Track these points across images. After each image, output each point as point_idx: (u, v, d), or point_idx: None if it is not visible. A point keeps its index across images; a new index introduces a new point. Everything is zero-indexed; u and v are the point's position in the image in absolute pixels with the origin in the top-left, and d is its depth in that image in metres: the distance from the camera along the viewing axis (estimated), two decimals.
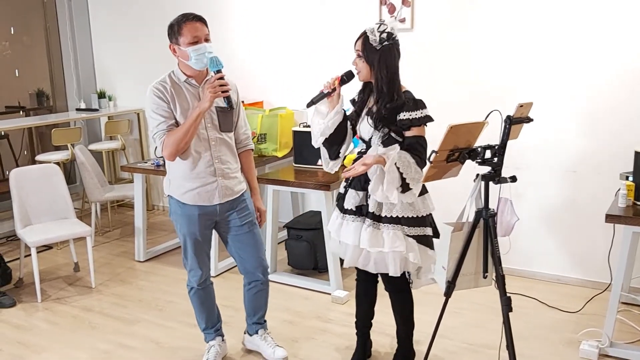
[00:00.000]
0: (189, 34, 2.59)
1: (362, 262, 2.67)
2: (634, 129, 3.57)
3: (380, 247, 2.56)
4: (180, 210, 2.83)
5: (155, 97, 2.67)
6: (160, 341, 3.39)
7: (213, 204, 2.81)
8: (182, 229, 2.86)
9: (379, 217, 2.58)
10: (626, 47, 3.57)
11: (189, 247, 2.88)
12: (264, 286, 3.06)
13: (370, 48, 2.51)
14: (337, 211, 2.76)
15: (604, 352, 3.04)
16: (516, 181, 2.45)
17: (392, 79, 2.53)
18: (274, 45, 5.02)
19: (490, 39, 3.98)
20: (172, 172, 2.83)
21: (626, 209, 2.94)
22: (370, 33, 2.51)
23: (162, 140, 2.66)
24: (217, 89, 2.58)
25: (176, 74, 2.74)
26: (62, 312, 3.82)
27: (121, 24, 5.97)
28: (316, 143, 2.73)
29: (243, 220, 2.91)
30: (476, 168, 2.47)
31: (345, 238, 2.67)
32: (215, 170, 2.78)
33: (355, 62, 2.59)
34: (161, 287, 4.17)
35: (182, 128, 2.63)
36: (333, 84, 2.58)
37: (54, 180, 4.33)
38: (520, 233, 3.86)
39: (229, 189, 2.84)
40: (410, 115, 2.52)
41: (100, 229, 5.51)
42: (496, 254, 2.49)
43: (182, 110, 2.69)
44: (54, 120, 5.68)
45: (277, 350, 3.09)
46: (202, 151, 2.74)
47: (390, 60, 2.53)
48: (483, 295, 3.32)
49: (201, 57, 2.62)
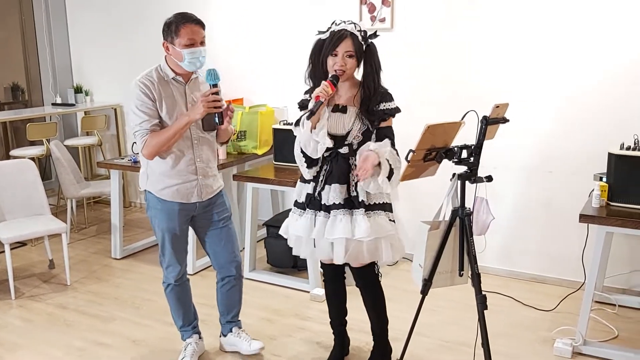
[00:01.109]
0: (186, 36, 2.58)
1: (354, 256, 2.63)
2: (609, 131, 3.63)
3: (379, 234, 2.58)
4: (160, 206, 2.80)
5: (141, 93, 2.62)
6: (137, 339, 3.37)
7: (191, 201, 2.80)
8: (160, 225, 2.83)
9: (370, 205, 2.60)
10: (604, 52, 3.62)
11: (167, 243, 2.86)
12: (237, 282, 3.05)
13: (359, 46, 2.54)
14: (310, 212, 2.69)
15: (577, 350, 3.09)
16: (492, 181, 2.48)
17: (379, 73, 2.61)
18: (254, 42, 5.00)
19: (469, 40, 4.01)
20: (151, 168, 2.79)
21: (599, 209, 2.99)
22: (355, 32, 2.53)
23: (144, 139, 2.63)
24: (211, 104, 2.56)
25: (163, 70, 2.71)
26: (36, 309, 3.77)
27: (98, 18, 5.89)
28: (316, 154, 2.61)
29: (219, 215, 2.92)
30: (453, 167, 2.50)
31: (338, 233, 2.59)
32: (196, 169, 2.77)
33: (344, 62, 2.53)
34: (138, 285, 4.13)
35: (167, 132, 2.61)
36: (327, 92, 2.50)
37: (29, 176, 4.27)
38: (496, 232, 3.90)
39: (209, 187, 2.84)
40: (387, 105, 2.60)
41: (76, 225, 5.44)
42: (472, 252, 2.52)
43: (167, 107, 2.67)
44: (29, 115, 5.58)
45: (253, 343, 3.10)
46: (184, 150, 2.73)
47: (377, 56, 2.61)
48: (459, 293, 3.36)
49: (195, 60, 2.61)
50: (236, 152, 4.65)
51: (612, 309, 3.60)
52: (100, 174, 6.22)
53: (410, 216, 3.13)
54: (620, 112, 3.62)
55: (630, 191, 2.97)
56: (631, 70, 3.56)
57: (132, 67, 5.57)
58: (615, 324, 3.41)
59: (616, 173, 3.00)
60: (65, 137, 6.04)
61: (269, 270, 4.29)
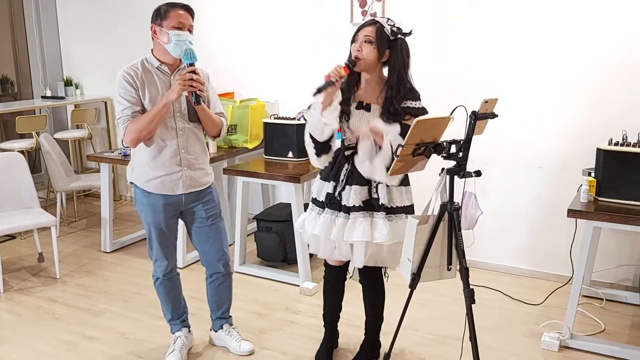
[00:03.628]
0: (175, 19, 2.60)
1: (373, 259, 2.62)
2: (598, 127, 3.65)
3: (400, 238, 2.55)
4: (145, 200, 2.79)
5: (124, 82, 2.64)
6: (126, 332, 3.36)
7: (176, 193, 2.78)
8: (146, 219, 2.83)
9: (391, 207, 2.58)
10: (593, 48, 3.64)
11: (153, 237, 2.86)
12: (226, 279, 3.05)
13: (384, 36, 2.48)
14: (329, 212, 2.65)
15: (564, 343, 3.12)
16: (481, 175, 2.48)
17: (406, 72, 2.53)
18: (245, 36, 4.98)
19: (459, 35, 4.02)
20: (136, 159, 2.79)
21: (588, 204, 3.02)
22: (384, 23, 2.49)
23: (125, 125, 2.63)
24: (187, 82, 2.55)
25: (149, 60, 2.72)
26: (25, 302, 3.76)
27: (88, 11, 5.85)
28: (322, 137, 2.58)
29: (208, 212, 2.90)
30: (442, 162, 2.50)
31: (358, 236, 2.56)
32: (181, 160, 2.75)
33: (360, 47, 2.49)
34: (127, 279, 4.12)
35: (146, 116, 2.61)
36: (340, 73, 2.44)
37: (18, 169, 4.24)
38: (485, 226, 3.92)
39: (194, 180, 2.81)
40: (412, 104, 2.53)
41: (65, 219, 5.42)
42: (460, 246, 2.53)
43: (150, 96, 2.66)
44: (19, 108, 5.54)
45: (243, 344, 3.10)
46: (168, 140, 2.72)
47: (407, 51, 2.53)
48: (448, 287, 3.38)
49: (181, 43, 2.61)
50: (227, 146, 4.65)
51: (600, 303, 3.64)
52: (90, 167, 6.20)
53: None
54: (608, 108, 3.64)
55: (618, 186, 3.00)
56: (620, 66, 3.57)
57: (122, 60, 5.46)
58: (602, 318, 3.44)
59: (604, 168, 3.03)
60: (55, 130, 6.00)
61: (259, 264, 4.29)
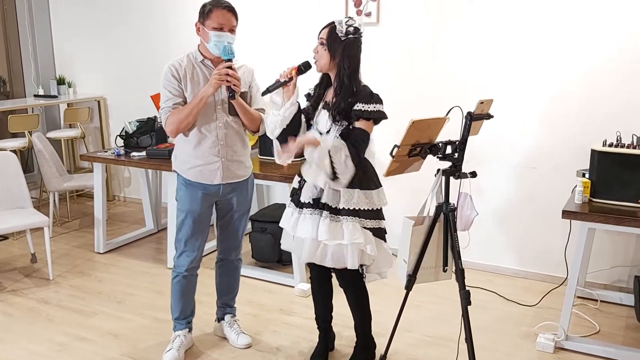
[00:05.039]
0: (216, 19, 2.67)
1: (319, 257, 2.63)
2: (592, 128, 3.65)
3: (339, 239, 2.55)
4: (185, 188, 2.89)
5: (169, 74, 2.76)
6: (119, 333, 3.34)
7: (214, 183, 2.86)
8: (184, 206, 2.90)
9: (337, 209, 2.57)
10: (587, 49, 3.64)
11: (186, 226, 2.91)
12: (235, 264, 3.18)
13: (335, 38, 2.52)
14: (292, 207, 2.75)
15: (559, 345, 3.12)
16: (476, 176, 2.48)
17: (355, 71, 2.54)
18: (241, 36, 4.95)
19: (455, 36, 4.01)
20: (179, 148, 2.90)
21: (582, 206, 3.02)
22: (338, 24, 2.53)
23: (166, 116, 2.76)
24: (223, 77, 2.64)
25: (194, 54, 2.83)
26: (17, 303, 3.72)
27: (82, 8, 5.81)
28: (272, 135, 2.67)
29: (239, 205, 3.01)
30: (437, 163, 2.50)
31: (302, 232, 2.63)
32: (219, 151, 2.83)
33: (317, 49, 2.58)
34: (121, 280, 4.10)
35: (185, 109, 2.72)
36: (290, 74, 2.57)
37: (10, 169, 4.21)
38: (480, 227, 3.92)
39: (231, 172, 2.88)
40: (363, 107, 2.50)
41: (58, 219, 5.39)
42: (456, 247, 2.53)
43: (192, 89, 2.77)
44: (11, 107, 5.50)
45: (241, 337, 3.17)
46: (208, 131, 2.80)
47: (354, 52, 2.54)
48: (443, 288, 3.37)
49: (220, 44, 2.69)
50: None
51: (594, 304, 3.64)
52: (83, 167, 6.15)
53: (395, 211, 3.13)
54: (603, 109, 3.64)
55: (612, 187, 3.00)
56: (614, 67, 3.58)
57: (115, 59, 5.53)
58: (597, 319, 3.44)
59: (599, 169, 3.03)
60: (48, 130, 5.96)
61: (254, 265, 4.27)
